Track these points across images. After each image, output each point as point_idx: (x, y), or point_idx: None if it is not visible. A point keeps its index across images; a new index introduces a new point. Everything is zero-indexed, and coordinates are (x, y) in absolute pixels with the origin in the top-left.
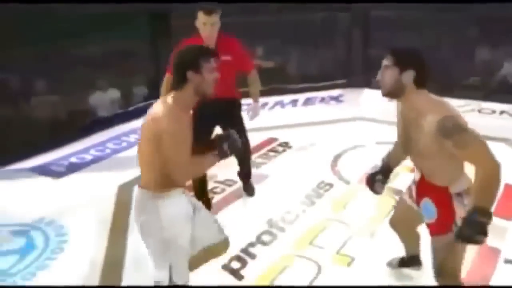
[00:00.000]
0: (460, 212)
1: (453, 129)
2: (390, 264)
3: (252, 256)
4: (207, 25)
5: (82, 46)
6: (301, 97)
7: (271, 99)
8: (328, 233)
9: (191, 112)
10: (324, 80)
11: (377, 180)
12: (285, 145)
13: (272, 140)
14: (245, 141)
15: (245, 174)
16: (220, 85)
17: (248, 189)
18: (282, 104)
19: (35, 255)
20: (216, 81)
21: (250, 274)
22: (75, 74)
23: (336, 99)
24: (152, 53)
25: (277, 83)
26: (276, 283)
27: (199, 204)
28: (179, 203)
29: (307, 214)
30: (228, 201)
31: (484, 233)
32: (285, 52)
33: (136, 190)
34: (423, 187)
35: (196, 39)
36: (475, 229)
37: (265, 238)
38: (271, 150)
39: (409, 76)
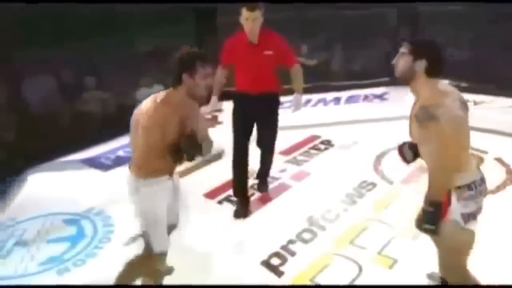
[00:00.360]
0: (457, 206)
1: (424, 118)
2: (431, 277)
3: (292, 253)
4: (249, 20)
5: (130, 44)
6: (344, 94)
7: (314, 97)
8: (369, 233)
9: (188, 108)
10: (368, 78)
11: (408, 147)
12: (328, 143)
13: (314, 137)
14: (272, 139)
15: (264, 172)
16: (261, 79)
17: (261, 188)
18: (324, 102)
19: (85, 243)
20: (208, 87)
21: (290, 271)
22: (123, 70)
23: (380, 97)
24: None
25: (320, 80)
26: (316, 282)
27: (178, 184)
28: (158, 186)
29: (348, 213)
30: (269, 197)
31: (428, 222)
32: (329, 49)
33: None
34: None
35: (241, 34)
36: (424, 217)
37: (305, 235)
38: (313, 148)
39: (421, 65)
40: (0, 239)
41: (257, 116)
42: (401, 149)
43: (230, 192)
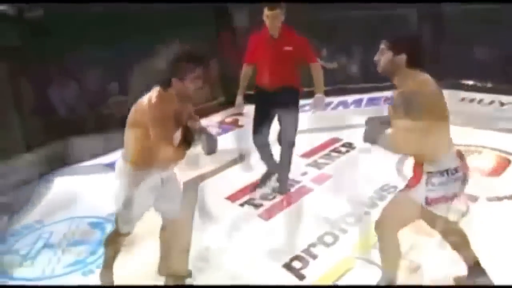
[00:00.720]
0: (423, 188)
1: (402, 103)
2: (458, 280)
3: (314, 257)
4: (269, 18)
5: (147, 46)
6: (365, 97)
7: (335, 99)
8: None
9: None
10: (389, 80)
11: (377, 120)
12: (349, 146)
13: (335, 140)
14: (292, 134)
15: (284, 174)
16: (279, 75)
17: (282, 191)
18: (345, 104)
19: None
20: (199, 90)
21: (311, 274)
22: (142, 73)
23: None
24: (215, 51)
25: (340, 83)
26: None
27: (173, 178)
28: (143, 179)
29: (370, 216)
30: (290, 200)
31: (368, 138)
32: (349, 52)
33: (119, 159)
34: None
35: (263, 29)
36: (372, 130)
37: (327, 239)
38: (334, 151)
39: (401, 59)
40: (29, 242)
41: (277, 111)
42: (369, 119)
43: (252, 195)
